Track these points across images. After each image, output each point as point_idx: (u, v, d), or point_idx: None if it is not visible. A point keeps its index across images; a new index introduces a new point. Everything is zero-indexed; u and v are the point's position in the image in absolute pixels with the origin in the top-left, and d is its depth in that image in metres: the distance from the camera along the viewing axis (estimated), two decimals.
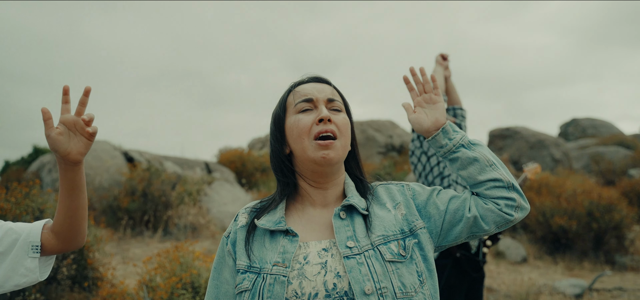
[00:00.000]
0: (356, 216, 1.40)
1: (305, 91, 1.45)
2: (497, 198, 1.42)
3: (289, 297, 1.27)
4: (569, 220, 8.18)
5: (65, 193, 1.46)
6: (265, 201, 1.50)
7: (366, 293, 1.25)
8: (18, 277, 1.45)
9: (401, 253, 1.34)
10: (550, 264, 8.18)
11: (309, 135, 1.39)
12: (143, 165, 10.49)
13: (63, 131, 1.39)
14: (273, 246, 1.36)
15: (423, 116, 1.52)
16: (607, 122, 25.75)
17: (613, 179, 14.15)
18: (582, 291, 6.26)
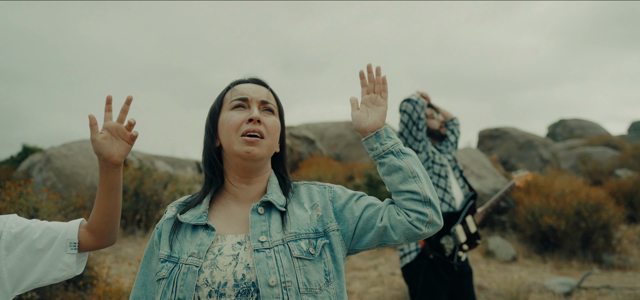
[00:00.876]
0: (274, 212, 1.48)
1: (242, 90, 1.55)
2: (410, 210, 1.48)
3: (200, 285, 1.35)
4: (558, 220, 8.30)
5: (104, 193, 1.59)
6: (194, 196, 1.59)
7: (270, 285, 1.33)
8: (57, 272, 1.58)
9: (310, 251, 1.43)
10: (539, 262, 8.29)
11: (237, 131, 1.48)
12: (134, 165, 10.49)
13: (107, 136, 1.51)
14: (193, 239, 1.45)
15: (364, 115, 1.58)
16: (595, 123, 26.05)
17: (600, 179, 14.32)
18: (570, 289, 6.37)
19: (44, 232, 1.59)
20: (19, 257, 1.55)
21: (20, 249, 1.56)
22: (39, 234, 1.58)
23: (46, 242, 1.58)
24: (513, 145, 15.61)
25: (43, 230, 1.59)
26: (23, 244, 1.56)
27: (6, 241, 1.55)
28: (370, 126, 1.55)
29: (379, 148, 1.53)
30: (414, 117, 3.50)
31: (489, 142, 16.22)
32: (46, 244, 1.58)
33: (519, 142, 15.62)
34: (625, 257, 8.33)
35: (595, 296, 6.25)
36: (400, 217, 1.47)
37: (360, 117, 1.58)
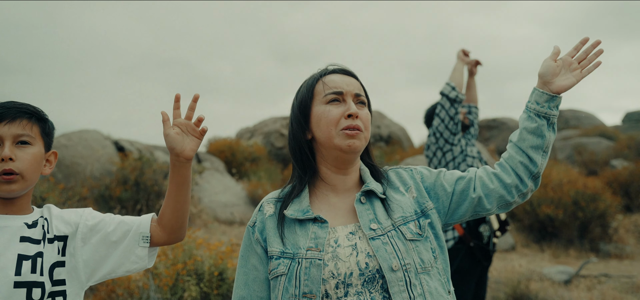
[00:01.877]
0: (375, 200, 1.51)
1: (335, 83, 1.54)
2: (516, 173, 1.51)
3: (326, 278, 1.38)
4: (556, 209, 8.40)
5: (175, 188, 1.63)
6: (286, 190, 1.59)
7: (394, 269, 1.38)
8: (129, 264, 1.63)
9: (418, 232, 1.47)
10: (537, 251, 8.39)
11: (337, 126, 1.49)
12: (134, 155, 10.50)
13: (179, 132, 1.56)
14: (304, 233, 1.46)
15: (557, 71, 1.53)
16: (590, 114, 26.18)
17: (596, 169, 14.45)
18: (569, 277, 6.47)
19: (118, 225, 1.64)
20: (94, 248, 1.61)
21: (96, 240, 1.61)
22: (114, 227, 1.63)
23: (120, 235, 1.63)
24: (508, 136, 15.73)
25: (117, 223, 1.64)
26: (98, 236, 1.62)
27: (82, 233, 1.60)
28: (557, 87, 1.51)
29: (544, 109, 1.51)
30: (451, 113, 3.58)
31: (485, 133, 16.32)
32: (120, 236, 1.63)
33: None
34: (621, 246, 8.45)
35: (594, 284, 6.35)
36: (493, 185, 1.51)
37: (553, 69, 1.53)
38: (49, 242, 1.56)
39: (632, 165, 12.55)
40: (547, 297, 5.26)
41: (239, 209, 10.37)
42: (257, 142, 15.56)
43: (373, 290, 1.38)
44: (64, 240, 1.59)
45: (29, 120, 1.56)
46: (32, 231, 1.54)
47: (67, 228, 1.61)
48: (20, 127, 1.53)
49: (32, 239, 1.53)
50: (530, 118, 1.52)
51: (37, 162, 1.57)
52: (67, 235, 1.60)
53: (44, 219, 1.60)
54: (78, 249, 1.60)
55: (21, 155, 1.52)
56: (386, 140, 17.09)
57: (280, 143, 15.69)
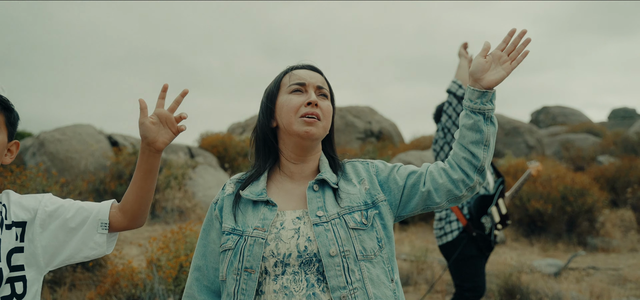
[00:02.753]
0: (327, 189, 1.61)
1: (299, 75, 1.65)
2: (461, 168, 1.58)
3: (266, 256, 1.49)
4: (545, 204, 8.58)
5: (142, 176, 1.62)
6: (249, 173, 1.69)
7: (331, 254, 1.48)
8: (88, 250, 1.63)
9: (363, 222, 1.56)
10: (526, 245, 8.58)
11: (297, 113, 1.59)
12: (128, 149, 10.54)
13: (155, 121, 1.55)
14: (255, 214, 1.57)
15: (487, 67, 1.59)
16: (577, 110, 26.55)
17: (583, 165, 14.72)
18: (558, 270, 6.65)
19: (77, 212, 1.64)
20: (53, 234, 1.61)
21: (54, 226, 1.61)
22: (72, 213, 1.63)
23: (79, 221, 1.63)
24: (499, 132, 15.92)
25: (76, 209, 1.64)
26: (57, 222, 1.62)
27: (41, 219, 1.60)
28: (488, 82, 1.57)
29: (478, 105, 1.57)
30: (458, 109, 3.80)
31: None
32: (79, 223, 1.63)
33: (505, 128, 15.93)
34: (608, 239, 8.67)
35: (582, 276, 6.54)
36: (442, 179, 1.59)
37: (483, 66, 1.59)
38: (6, 228, 1.56)
39: (618, 161, 12.81)
40: (537, 289, 5.42)
41: None
42: (249, 137, 15.61)
43: (309, 272, 1.49)
44: (23, 226, 1.59)
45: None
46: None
47: (26, 214, 1.60)
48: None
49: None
50: (467, 115, 1.59)
51: (0, 149, 1.57)
52: (25, 221, 1.60)
53: (2, 205, 1.59)
54: (36, 235, 1.59)
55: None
56: (377, 135, 17.23)
57: None
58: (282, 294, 1.47)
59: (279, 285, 1.49)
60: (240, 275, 1.50)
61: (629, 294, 5.56)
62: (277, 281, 1.49)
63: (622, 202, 10.81)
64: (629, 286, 6.08)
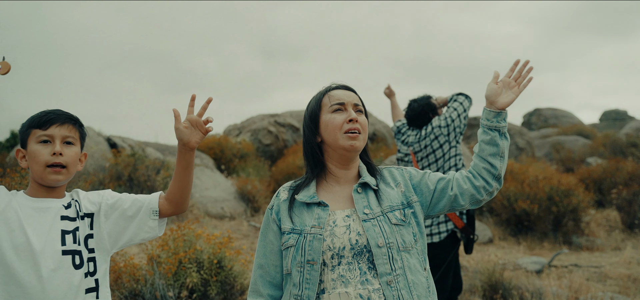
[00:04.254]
0: (369, 191, 1.90)
1: (338, 96, 1.93)
2: (482, 176, 1.90)
3: (324, 250, 1.77)
4: (531, 204, 8.86)
5: (181, 170, 2.01)
6: (299, 181, 1.98)
7: (379, 245, 1.77)
8: (144, 233, 2.04)
9: (402, 219, 1.85)
10: (513, 244, 8.86)
11: (341, 130, 1.88)
12: (127, 151, 10.78)
13: (188, 126, 1.93)
14: (310, 214, 1.85)
15: (499, 91, 1.91)
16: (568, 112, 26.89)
17: (572, 166, 15.01)
18: (541, 267, 6.93)
19: (132, 203, 2.02)
20: (115, 222, 2.00)
21: (115, 216, 2.00)
22: (129, 204, 2.02)
23: (134, 211, 2.01)
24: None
25: (132, 201, 2.03)
26: (117, 212, 2.00)
27: (104, 210, 2.00)
28: (501, 104, 1.88)
29: (494, 123, 1.88)
30: (463, 117, 4.12)
31: (467, 131, 16.80)
32: (134, 212, 2.01)
33: None
34: (592, 239, 8.95)
35: (564, 273, 6.81)
36: (466, 185, 1.90)
37: (496, 91, 1.90)
38: (81, 219, 1.94)
39: (605, 163, 13.11)
40: (519, 285, 5.69)
41: (229, 204, 10.70)
42: (245, 139, 15.85)
43: (361, 262, 1.76)
44: (91, 217, 1.98)
45: (73, 125, 1.97)
46: (69, 211, 1.93)
47: (93, 207, 1.99)
48: (67, 129, 1.93)
49: (70, 217, 1.92)
50: (485, 132, 1.91)
51: (77, 159, 1.97)
52: (93, 212, 1.98)
53: (75, 201, 1.98)
54: (102, 224, 1.98)
55: (67, 152, 1.91)
56: (371, 138, 17.49)
57: (268, 140, 16.01)
58: (340, 282, 1.75)
59: (336, 274, 1.76)
60: (304, 267, 1.78)
61: (608, 290, 5.83)
62: (334, 271, 1.76)
63: (607, 203, 11.10)
64: (609, 283, 6.36)
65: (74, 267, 1.86)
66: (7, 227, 1.82)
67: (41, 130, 1.89)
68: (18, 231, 1.82)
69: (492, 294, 5.57)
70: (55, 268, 1.83)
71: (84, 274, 1.89)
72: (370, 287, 1.74)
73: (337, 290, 1.74)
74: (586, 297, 4.92)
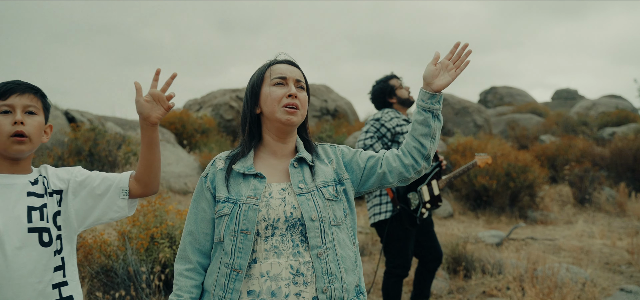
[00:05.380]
0: (305, 166, 1.94)
1: (281, 70, 1.95)
2: (412, 155, 1.96)
3: (259, 221, 1.80)
4: (490, 180, 9.16)
5: (146, 147, 1.94)
6: (235, 152, 1.99)
7: (312, 219, 1.82)
8: (112, 213, 1.97)
9: (335, 195, 1.91)
10: (473, 218, 9.17)
11: (280, 103, 1.90)
12: (86, 126, 10.53)
13: (149, 100, 1.86)
14: (246, 185, 1.87)
15: (436, 73, 1.92)
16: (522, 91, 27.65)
17: (526, 144, 15.54)
18: (500, 241, 7.21)
19: (102, 181, 1.95)
20: (83, 200, 1.93)
21: (84, 194, 1.93)
22: (98, 182, 1.95)
23: (104, 189, 1.95)
24: (450, 111, 16.55)
25: (101, 179, 1.96)
26: (86, 190, 1.94)
27: (73, 188, 1.92)
28: (437, 86, 1.90)
29: (428, 104, 1.91)
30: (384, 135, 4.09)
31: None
32: (104, 190, 1.95)
33: (455, 108, 16.57)
34: (546, 213, 9.36)
35: (521, 246, 7.12)
36: (395, 164, 1.96)
37: (433, 72, 1.91)
38: (49, 196, 1.87)
39: (558, 141, 13.63)
40: (481, 257, 5.92)
41: (192, 180, 10.64)
42: (207, 114, 15.70)
43: (294, 234, 1.81)
44: (60, 193, 1.90)
45: (35, 94, 1.86)
46: (36, 187, 1.85)
47: (62, 184, 1.91)
48: (28, 99, 1.83)
49: (37, 193, 1.84)
50: (419, 112, 1.95)
51: (41, 129, 1.87)
52: (62, 189, 1.91)
53: (43, 177, 1.90)
54: (70, 201, 1.90)
55: (30, 121, 1.82)
56: (333, 114, 17.59)
57: (229, 115, 15.90)
58: (272, 252, 1.79)
59: (269, 245, 1.79)
60: (237, 236, 1.79)
61: (562, 261, 6.13)
62: (267, 241, 1.80)
63: (560, 179, 11.59)
64: (563, 254, 6.69)
65: (41, 244, 1.81)
66: None
67: (1, 101, 1.80)
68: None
69: (456, 267, 5.78)
70: (21, 246, 1.76)
71: (53, 252, 1.83)
72: (301, 259, 1.79)
73: (269, 260, 1.78)
74: (543, 267, 5.16)
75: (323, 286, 1.79)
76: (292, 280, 1.77)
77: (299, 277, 1.78)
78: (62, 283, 1.86)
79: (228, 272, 1.81)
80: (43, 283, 1.80)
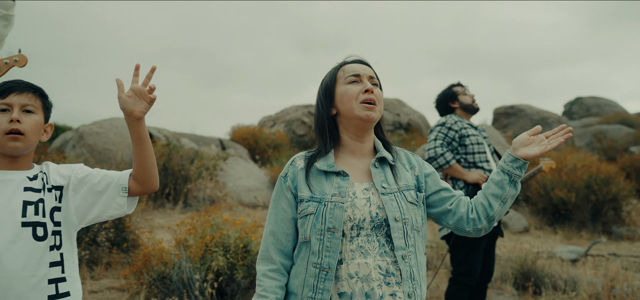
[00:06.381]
0: (386, 166, 1.89)
1: (353, 69, 1.92)
2: (477, 211, 1.89)
3: (345, 220, 1.76)
4: (568, 193, 8.62)
5: (135, 144, 1.94)
6: (314, 152, 1.94)
7: (396, 220, 1.76)
8: (112, 210, 1.98)
9: (416, 199, 1.86)
10: (550, 233, 8.65)
11: (357, 100, 1.86)
12: (162, 141, 10.98)
13: (131, 95, 1.86)
14: (329, 183, 1.82)
15: (529, 143, 1.88)
16: (612, 101, 25.99)
17: (614, 156, 14.53)
18: (577, 256, 6.73)
19: (102, 178, 1.96)
20: (83, 197, 1.94)
21: (84, 190, 1.95)
22: (98, 180, 1.96)
23: (104, 186, 1.95)
24: (528, 123, 15.83)
25: (102, 176, 1.97)
26: (86, 186, 1.95)
27: (73, 184, 1.95)
28: (521, 154, 1.86)
29: (508, 167, 1.87)
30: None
31: (503, 120, 16.46)
32: (103, 187, 1.95)
33: (533, 119, 15.84)
34: (633, 228, 8.65)
35: (601, 262, 6.61)
36: (463, 210, 1.90)
37: (525, 141, 1.88)
38: (48, 191, 1.89)
39: None
40: (552, 273, 5.54)
41: (262, 193, 10.78)
42: (279, 130, 15.95)
43: (379, 234, 1.76)
44: (60, 189, 1.92)
45: (33, 94, 1.91)
46: (34, 183, 1.88)
47: (62, 180, 1.93)
48: (26, 98, 1.88)
49: (34, 188, 1.87)
50: (498, 172, 1.89)
51: (38, 128, 1.90)
52: (62, 185, 1.93)
53: (43, 173, 1.93)
54: (70, 198, 1.92)
55: (26, 119, 1.86)
56: (406, 127, 17.34)
57: (301, 130, 16.06)
58: (359, 253, 1.75)
59: (355, 245, 1.75)
60: (324, 235, 1.75)
61: None
62: (353, 242, 1.76)
63: None
64: None
65: (35, 238, 1.83)
66: None
67: (0, 99, 1.86)
68: None
69: (524, 282, 5.45)
70: (14, 240, 1.80)
71: (49, 247, 1.86)
72: (388, 259, 1.74)
73: (356, 260, 1.74)
74: (622, 285, 4.75)
75: (409, 290, 1.75)
76: (384, 281, 1.74)
77: (391, 277, 1.74)
78: (60, 279, 1.88)
79: (317, 272, 1.77)
80: (37, 277, 1.82)
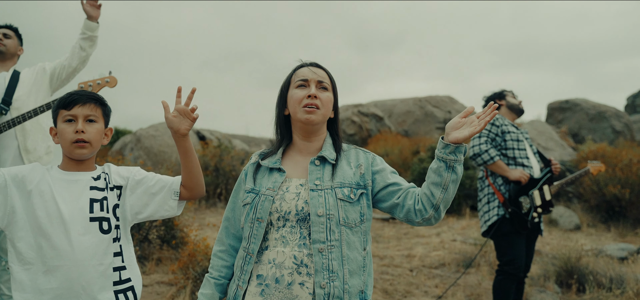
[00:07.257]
0: (327, 165, 2.02)
1: (303, 74, 2.07)
2: (422, 201, 1.93)
3: (272, 211, 1.94)
4: (622, 189, 8.35)
5: (182, 156, 2.20)
6: (269, 149, 2.15)
7: (318, 214, 1.89)
8: (163, 211, 2.24)
9: (351, 196, 1.96)
10: (603, 231, 8.40)
11: (300, 104, 2.02)
12: (214, 143, 11.37)
13: (177, 115, 2.09)
14: (269, 178, 2.02)
15: (458, 125, 1.88)
16: None
17: None
18: (628, 255, 6.54)
19: (157, 181, 2.23)
20: (139, 197, 2.21)
21: (140, 191, 2.21)
22: (154, 183, 2.23)
23: (158, 189, 2.22)
24: (584, 118, 15.34)
25: (157, 180, 2.23)
26: (142, 188, 2.21)
27: (131, 185, 2.22)
28: (452, 138, 1.86)
29: (442, 154, 1.88)
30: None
31: (558, 115, 15.99)
32: (158, 190, 2.22)
33: (589, 114, 15.32)
34: None
35: None
36: (410, 202, 1.96)
37: (456, 125, 1.89)
38: (110, 190, 2.16)
39: None
40: (597, 270, 5.44)
41: None
42: None
43: (302, 227, 1.91)
44: (120, 189, 2.19)
45: (95, 104, 2.16)
46: (98, 182, 2.15)
47: (122, 181, 2.20)
48: (89, 109, 2.13)
49: (98, 187, 2.13)
50: (434, 160, 1.93)
51: (100, 134, 2.16)
52: (121, 185, 2.19)
53: (105, 174, 2.19)
54: (127, 197, 2.19)
55: (89, 129, 2.12)
56: None
57: (351, 130, 16.16)
58: (281, 242, 1.93)
59: (279, 235, 1.94)
60: (254, 224, 1.96)
61: None
62: (278, 231, 1.94)
63: None
64: None
65: (101, 231, 2.08)
66: (41, 198, 2.05)
67: (66, 111, 2.11)
68: (50, 201, 2.05)
69: (568, 280, 5.38)
70: (84, 233, 2.05)
71: (112, 239, 2.11)
72: (305, 250, 1.88)
73: (276, 248, 1.91)
74: None
75: (322, 282, 1.86)
76: (296, 270, 1.89)
77: (303, 268, 1.89)
78: (121, 267, 2.16)
79: (244, 256, 1.99)
80: (104, 265, 2.08)
